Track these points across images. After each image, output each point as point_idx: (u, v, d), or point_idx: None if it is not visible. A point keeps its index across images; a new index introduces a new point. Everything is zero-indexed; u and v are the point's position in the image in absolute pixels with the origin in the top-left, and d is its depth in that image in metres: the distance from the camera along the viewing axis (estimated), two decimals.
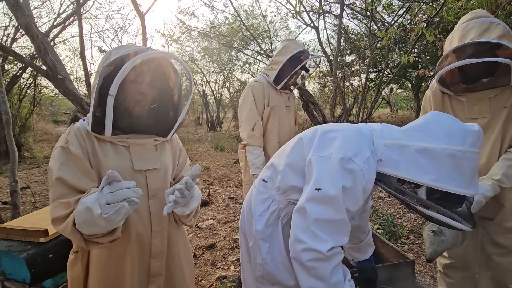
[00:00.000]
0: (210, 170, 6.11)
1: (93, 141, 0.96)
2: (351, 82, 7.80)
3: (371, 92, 9.49)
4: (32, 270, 1.37)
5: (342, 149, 0.93)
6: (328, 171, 0.91)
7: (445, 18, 4.34)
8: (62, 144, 0.93)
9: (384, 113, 16.27)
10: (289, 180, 1.06)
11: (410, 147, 0.88)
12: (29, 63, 3.16)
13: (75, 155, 0.92)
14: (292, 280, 1.09)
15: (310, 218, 0.89)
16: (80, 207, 0.80)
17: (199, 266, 2.52)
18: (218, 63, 12.51)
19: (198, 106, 18.06)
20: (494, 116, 1.30)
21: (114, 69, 0.90)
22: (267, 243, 1.10)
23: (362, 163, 0.90)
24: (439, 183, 0.83)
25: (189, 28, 9.15)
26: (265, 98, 2.04)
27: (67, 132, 0.97)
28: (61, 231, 0.88)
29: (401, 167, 0.88)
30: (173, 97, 1.09)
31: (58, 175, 0.88)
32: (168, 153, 1.14)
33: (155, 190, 1.03)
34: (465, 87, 1.33)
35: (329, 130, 1.04)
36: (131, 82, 0.97)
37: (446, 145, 0.83)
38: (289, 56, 1.93)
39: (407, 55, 3.83)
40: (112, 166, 0.95)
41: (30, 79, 7.89)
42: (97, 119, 0.92)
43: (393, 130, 0.97)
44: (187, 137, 10.81)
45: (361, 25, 8.32)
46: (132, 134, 1.01)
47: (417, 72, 5.23)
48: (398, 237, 2.77)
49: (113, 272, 0.98)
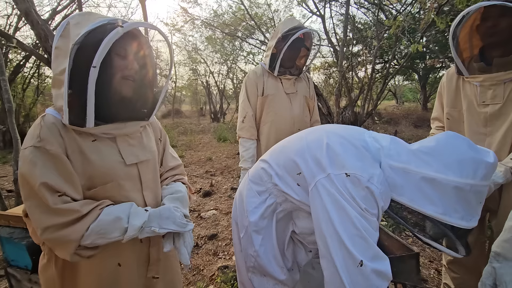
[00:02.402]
0: (212, 161, 6.10)
1: (72, 136, 0.83)
2: (357, 73, 7.65)
3: (377, 84, 9.33)
4: (34, 257, 1.36)
5: (357, 169, 0.86)
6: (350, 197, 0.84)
7: (456, 6, 4.19)
8: (35, 143, 0.78)
9: (390, 105, 16.05)
10: (288, 181, 1.01)
11: (416, 173, 0.83)
12: (30, 50, 3.13)
13: (55, 156, 0.79)
14: (283, 274, 1.08)
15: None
16: (107, 215, 0.83)
17: (201, 255, 2.53)
18: (222, 53, 12.36)
19: (201, 96, 18.00)
20: (508, 103, 1.23)
21: (87, 46, 0.76)
22: (260, 235, 1.07)
23: (380, 185, 0.85)
24: (443, 216, 0.79)
25: (192, 17, 9.01)
26: (258, 88, 1.94)
27: (37, 128, 0.81)
28: (56, 239, 0.79)
29: (406, 193, 0.85)
30: (151, 73, 0.99)
31: (43, 180, 0.76)
32: (152, 137, 1.07)
33: (147, 181, 0.99)
34: (480, 67, 1.26)
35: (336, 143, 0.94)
36: (117, 56, 0.84)
37: (455, 177, 0.77)
38: (277, 38, 1.82)
39: (416, 44, 3.71)
40: (102, 163, 0.87)
41: (33, 68, 7.88)
42: (75, 108, 0.78)
43: (401, 150, 0.90)
44: (190, 128, 10.79)
45: (368, 13, 8.10)
46: (115, 122, 0.89)
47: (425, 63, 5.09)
48: (403, 230, 2.75)
49: (109, 267, 0.94)
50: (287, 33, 1.79)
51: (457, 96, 1.41)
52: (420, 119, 10.13)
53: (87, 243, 0.81)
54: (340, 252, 0.82)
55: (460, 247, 0.89)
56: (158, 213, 0.91)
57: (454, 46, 1.32)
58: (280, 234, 1.11)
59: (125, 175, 0.92)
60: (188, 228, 0.93)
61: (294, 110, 1.97)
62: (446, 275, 1.62)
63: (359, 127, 1.08)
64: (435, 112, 1.57)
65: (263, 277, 1.11)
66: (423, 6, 4.62)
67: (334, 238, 0.83)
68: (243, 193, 1.17)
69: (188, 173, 5.14)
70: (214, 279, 2.15)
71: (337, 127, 1.07)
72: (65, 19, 0.83)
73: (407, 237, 2.67)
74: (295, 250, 1.16)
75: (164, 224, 0.89)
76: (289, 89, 1.96)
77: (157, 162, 1.08)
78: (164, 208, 0.93)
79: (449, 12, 5.56)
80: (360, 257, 0.79)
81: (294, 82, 1.98)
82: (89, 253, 0.84)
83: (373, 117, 9.70)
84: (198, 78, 15.01)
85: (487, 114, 1.28)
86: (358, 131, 1.02)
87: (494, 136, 1.28)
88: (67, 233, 0.78)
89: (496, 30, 1.20)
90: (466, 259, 1.49)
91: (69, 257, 0.81)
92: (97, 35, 0.77)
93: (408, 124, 9.72)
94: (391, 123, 10.01)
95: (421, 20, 4.68)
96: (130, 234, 0.85)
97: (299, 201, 0.99)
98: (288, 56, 1.86)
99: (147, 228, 0.87)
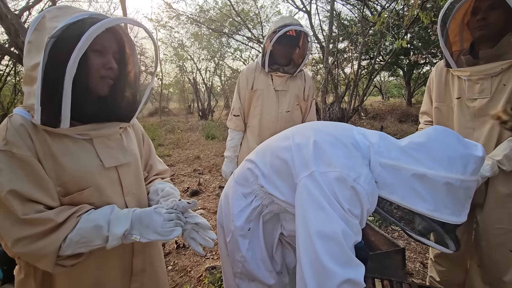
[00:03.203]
0: (201, 159, 6.02)
1: (44, 137, 0.76)
2: (343, 69, 7.71)
3: (363, 80, 9.44)
4: (5, 268, 1.28)
5: (344, 168, 0.83)
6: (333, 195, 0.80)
7: (438, 3, 4.27)
8: (0, 147, 0.71)
9: (376, 101, 16.32)
10: (274, 182, 0.97)
11: (407, 170, 0.81)
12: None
13: (23, 160, 0.72)
14: (272, 279, 1.05)
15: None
16: (86, 224, 0.77)
17: (188, 256, 2.48)
18: (209, 49, 12.19)
19: (189, 94, 17.74)
20: (495, 97, 1.24)
21: (63, 40, 0.70)
22: (246, 239, 1.03)
23: (367, 185, 0.83)
24: (434, 213, 0.79)
25: (177, 12, 8.82)
26: (248, 83, 1.97)
27: (3, 130, 0.74)
28: (30, 252, 0.72)
29: (396, 191, 0.83)
30: (131, 73, 0.93)
31: (10, 188, 0.70)
32: (133, 140, 1.01)
33: (129, 186, 0.93)
34: (467, 59, 1.27)
35: (323, 141, 0.91)
36: (94, 53, 0.79)
37: (446, 172, 0.77)
38: (269, 35, 1.85)
39: (400, 40, 3.75)
40: (76, 167, 0.79)
41: (10, 66, 7.51)
42: (48, 107, 0.72)
43: (391, 146, 0.89)
44: (177, 126, 10.63)
45: (354, 10, 8.16)
46: (91, 123, 0.82)
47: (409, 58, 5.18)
48: (388, 224, 2.79)
49: (91, 279, 0.87)
50: (276, 29, 1.79)
51: (446, 90, 1.41)
52: (405, 114, 10.35)
53: (68, 253, 0.75)
54: (310, 256, 0.77)
55: (449, 242, 0.88)
56: (138, 219, 0.84)
57: (444, 38, 1.31)
58: (268, 237, 1.07)
59: (104, 179, 0.86)
60: (172, 235, 0.85)
61: (281, 107, 1.95)
62: (432, 269, 1.64)
63: (347, 124, 1.06)
64: (424, 106, 1.57)
65: (251, 283, 1.08)
66: (406, 2, 4.68)
67: (306, 241, 0.79)
68: (228, 195, 1.12)
69: (176, 172, 5.05)
70: (202, 280, 2.11)
71: (325, 124, 1.04)
72: (40, 13, 0.77)
73: (393, 231, 2.71)
74: (284, 253, 1.13)
75: (144, 233, 0.83)
76: (279, 86, 1.95)
77: (140, 166, 1.01)
78: (145, 213, 0.85)
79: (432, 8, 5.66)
80: (330, 264, 0.74)
81: (286, 80, 1.96)
82: (72, 262, 0.78)
83: (359, 113, 9.84)
84: (185, 75, 14.77)
85: (475, 108, 1.29)
86: (347, 128, 1.00)
87: (481, 130, 1.28)
88: (42, 246, 0.72)
89: (485, 23, 1.20)
90: (452, 253, 1.51)
91: (51, 269, 0.75)
92: (77, 29, 0.71)
93: (394, 120, 9.91)
94: (377, 118, 10.17)
95: (405, 17, 4.74)
96: (112, 243, 0.79)
97: (285, 202, 0.96)
98: (279, 53, 1.86)
99: (129, 235, 0.82)
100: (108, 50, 0.82)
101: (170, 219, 0.85)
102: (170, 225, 0.84)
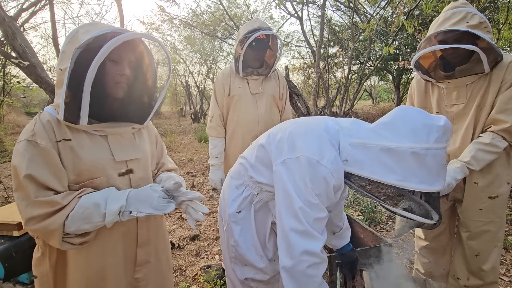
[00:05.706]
0: (194, 161, 6.05)
1: (65, 132, 0.88)
2: (334, 73, 7.88)
3: (353, 84, 9.64)
4: (6, 265, 1.31)
5: (309, 151, 0.94)
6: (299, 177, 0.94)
7: (424, 11, 4.45)
8: (28, 137, 0.84)
9: (366, 105, 16.63)
10: (260, 170, 1.10)
11: (374, 146, 0.87)
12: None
13: (44, 149, 0.84)
14: (262, 263, 1.15)
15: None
16: (86, 201, 0.85)
17: (183, 256, 2.51)
18: (201, 53, 12.24)
19: (181, 97, 17.70)
20: (469, 102, 1.36)
21: (89, 51, 0.82)
22: (239, 225, 1.15)
23: (330, 164, 0.92)
24: (404, 182, 0.82)
25: (170, 15, 8.85)
26: (225, 89, 1.99)
27: (33, 123, 0.87)
28: (39, 229, 0.83)
29: (366, 167, 0.88)
30: (149, 81, 1.04)
31: (28, 172, 0.81)
32: (146, 140, 1.11)
33: (137, 180, 1.01)
34: (444, 74, 1.39)
35: (297, 131, 1.03)
36: (110, 62, 0.90)
37: (410, 143, 0.81)
38: (238, 40, 1.89)
39: (388, 47, 3.90)
40: (91, 158, 0.90)
41: None
42: (70, 106, 0.83)
43: (360, 128, 0.96)
44: (170, 129, 10.59)
45: (344, 16, 8.37)
46: (108, 122, 0.94)
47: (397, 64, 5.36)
48: (378, 223, 2.89)
49: (96, 265, 0.95)
50: (245, 35, 1.84)
51: (427, 98, 1.53)
52: None
53: (72, 230, 0.84)
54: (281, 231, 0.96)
55: (432, 213, 0.91)
56: (135, 195, 0.91)
57: (421, 71, 1.44)
58: (261, 226, 1.17)
59: (114, 171, 0.95)
60: (167, 210, 0.92)
61: (259, 110, 2.01)
62: (417, 261, 1.74)
63: (327, 117, 1.15)
64: None
65: (244, 267, 1.16)
66: (394, 10, 4.86)
67: (279, 218, 0.97)
68: (225, 189, 1.24)
69: None
70: (197, 279, 2.15)
71: (304, 118, 1.15)
72: (76, 28, 0.91)
73: (382, 230, 2.81)
74: (276, 241, 1.21)
75: (141, 208, 0.89)
76: (255, 89, 2.00)
77: (149, 163, 1.10)
78: (141, 190, 0.94)
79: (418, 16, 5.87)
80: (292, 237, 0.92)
81: (261, 82, 2.01)
82: (79, 240, 0.87)
83: (350, 116, 10.02)
84: (177, 78, 14.75)
85: (453, 113, 1.41)
86: (323, 118, 1.09)
87: (458, 133, 1.40)
88: (48, 223, 0.82)
89: (456, 53, 1.31)
90: (436, 245, 1.62)
91: (59, 245, 0.85)
92: (99, 42, 0.83)
93: None
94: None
95: (392, 24, 4.92)
96: (109, 219, 0.86)
97: (268, 185, 1.08)
98: (251, 57, 1.90)
99: (126, 211, 0.88)
100: (123, 59, 0.93)
101: (164, 196, 0.96)
102: (165, 201, 0.94)
